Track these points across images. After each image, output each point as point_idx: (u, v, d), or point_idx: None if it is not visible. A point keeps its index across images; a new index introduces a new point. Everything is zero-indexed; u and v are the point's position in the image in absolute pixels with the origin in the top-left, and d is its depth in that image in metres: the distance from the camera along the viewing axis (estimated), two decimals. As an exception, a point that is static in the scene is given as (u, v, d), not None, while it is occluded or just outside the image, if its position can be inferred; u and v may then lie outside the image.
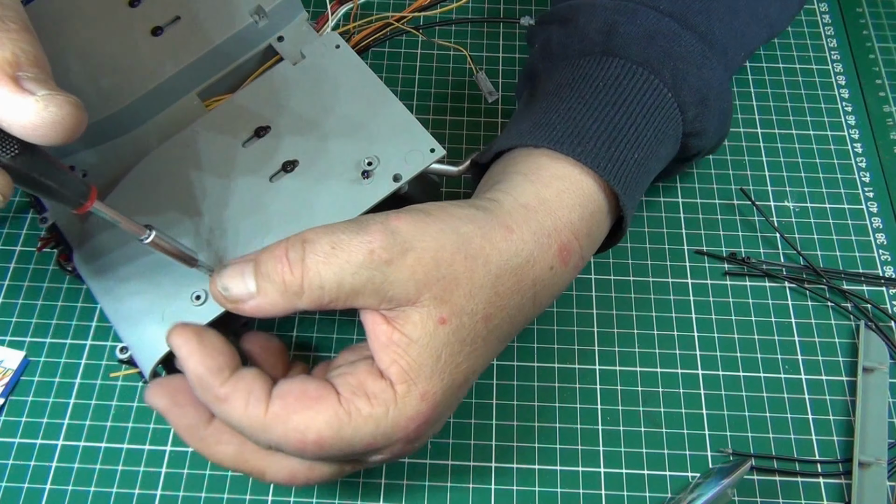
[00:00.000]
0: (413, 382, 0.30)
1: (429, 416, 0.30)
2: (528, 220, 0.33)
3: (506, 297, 0.32)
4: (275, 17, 0.40)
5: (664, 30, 0.37)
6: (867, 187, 0.47)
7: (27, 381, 0.40)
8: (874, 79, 0.51)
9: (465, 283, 0.30)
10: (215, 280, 0.30)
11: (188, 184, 0.36)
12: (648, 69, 0.36)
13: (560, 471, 0.38)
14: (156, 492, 0.38)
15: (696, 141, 0.39)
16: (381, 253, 0.29)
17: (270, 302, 0.30)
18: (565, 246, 0.33)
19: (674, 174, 0.43)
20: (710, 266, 0.44)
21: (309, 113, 0.37)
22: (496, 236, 0.31)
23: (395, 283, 0.29)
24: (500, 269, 0.31)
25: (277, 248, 0.30)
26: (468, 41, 0.52)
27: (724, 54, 0.39)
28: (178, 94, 0.39)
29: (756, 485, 0.38)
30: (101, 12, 0.39)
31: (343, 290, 0.29)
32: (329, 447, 0.29)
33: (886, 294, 0.44)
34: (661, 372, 0.41)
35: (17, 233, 0.44)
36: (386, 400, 0.29)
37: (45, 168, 0.26)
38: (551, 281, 0.33)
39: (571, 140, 0.34)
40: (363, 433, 0.29)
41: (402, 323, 0.30)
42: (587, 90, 0.36)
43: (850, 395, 0.41)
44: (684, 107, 0.37)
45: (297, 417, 0.29)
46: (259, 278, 0.30)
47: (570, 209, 0.34)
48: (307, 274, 0.29)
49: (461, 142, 0.48)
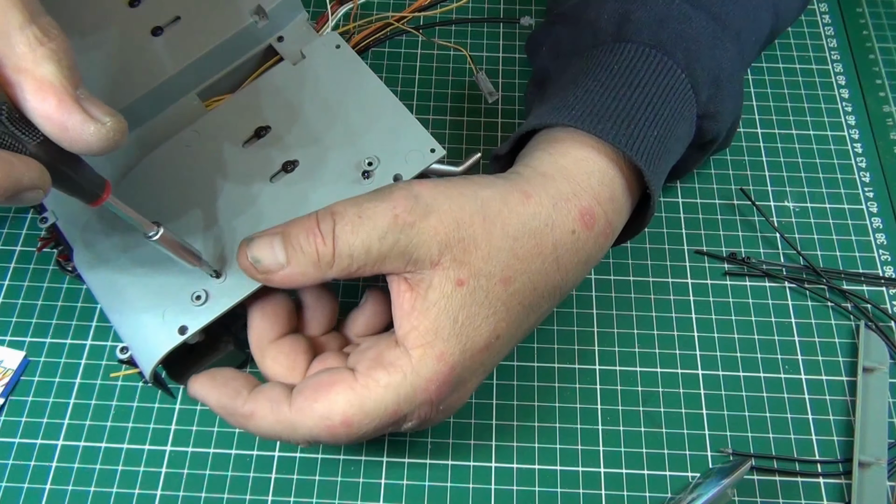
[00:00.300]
0: (430, 345, 0.30)
1: (448, 376, 0.31)
2: (545, 186, 0.33)
3: (525, 260, 0.32)
4: (275, 17, 0.40)
5: (675, 13, 0.37)
6: (867, 187, 0.47)
7: (27, 381, 0.40)
8: (874, 79, 0.51)
9: (484, 245, 0.31)
10: (244, 251, 0.31)
11: (188, 184, 0.36)
12: (661, 51, 0.36)
13: (560, 471, 0.38)
14: (156, 492, 0.38)
15: (712, 124, 0.39)
16: (405, 216, 0.30)
17: (301, 272, 0.31)
18: (587, 210, 0.33)
19: (692, 166, 0.43)
20: (710, 266, 0.44)
21: (309, 113, 0.37)
22: (514, 200, 0.32)
23: (419, 245, 0.30)
24: (518, 231, 0.32)
25: (308, 220, 0.31)
26: (468, 41, 0.52)
27: (737, 36, 0.39)
28: (178, 94, 0.39)
29: (756, 485, 0.38)
30: (101, 12, 0.39)
31: (371, 255, 0.30)
32: (357, 424, 0.30)
33: (886, 294, 0.44)
34: (661, 372, 0.41)
35: (17, 233, 0.44)
36: (402, 366, 0.30)
37: (68, 158, 0.26)
38: (574, 245, 0.33)
39: (591, 119, 0.34)
40: (386, 402, 0.30)
41: (425, 288, 0.31)
42: (603, 75, 0.36)
43: (850, 395, 0.41)
44: (698, 88, 0.37)
45: (318, 405, 0.30)
46: (289, 249, 0.30)
47: (588, 175, 0.34)
48: (338, 243, 0.30)
49: (461, 142, 0.48)
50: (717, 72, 0.37)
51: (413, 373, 0.30)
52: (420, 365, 0.30)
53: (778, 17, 0.43)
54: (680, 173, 0.44)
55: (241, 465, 0.38)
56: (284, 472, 0.38)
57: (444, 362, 0.31)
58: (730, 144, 0.45)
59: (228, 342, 0.37)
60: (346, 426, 0.30)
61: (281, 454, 0.39)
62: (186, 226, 0.35)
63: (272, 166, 0.36)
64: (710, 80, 0.37)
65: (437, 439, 0.39)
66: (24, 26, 0.24)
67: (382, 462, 0.39)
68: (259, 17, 0.39)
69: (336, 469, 0.38)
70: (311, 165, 0.36)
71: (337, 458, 0.39)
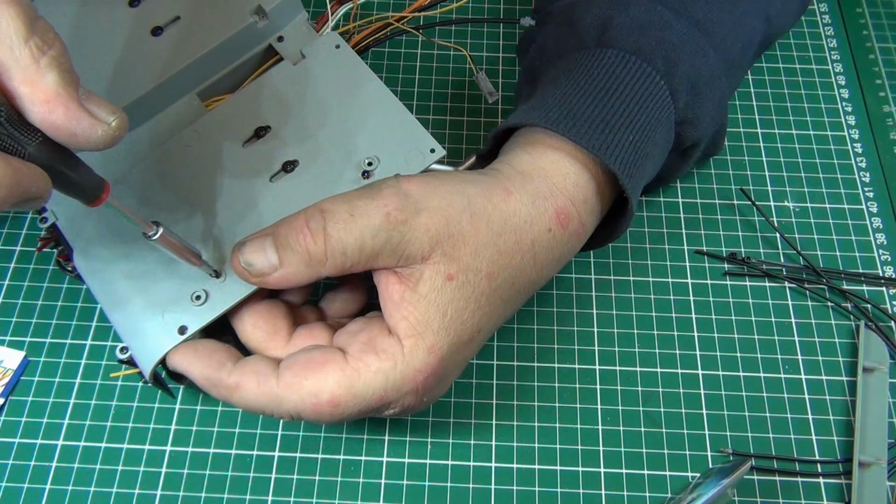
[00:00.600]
0: (421, 336, 0.31)
1: (436, 368, 0.32)
2: (524, 184, 0.34)
3: (507, 255, 0.33)
4: (274, 17, 0.40)
5: (657, 19, 0.38)
6: (867, 187, 0.47)
7: (27, 381, 0.40)
8: (874, 79, 0.51)
9: (471, 241, 0.32)
10: (237, 257, 0.32)
11: (188, 184, 0.36)
12: (641, 57, 0.37)
13: (560, 471, 0.38)
14: (156, 492, 0.38)
15: (690, 130, 0.39)
16: (396, 214, 0.31)
17: (294, 272, 0.31)
18: (562, 209, 0.34)
19: (676, 174, 0.43)
20: (710, 266, 0.44)
21: (309, 113, 0.37)
22: (497, 198, 0.33)
23: (411, 241, 0.31)
24: (501, 227, 0.33)
25: (296, 220, 0.31)
26: (468, 41, 0.52)
27: (721, 43, 0.39)
28: (177, 94, 0.39)
29: (756, 485, 0.38)
30: (101, 12, 0.39)
31: (364, 253, 0.31)
32: (344, 405, 0.31)
33: (886, 294, 0.44)
34: (661, 372, 0.41)
35: (17, 233, 0.44)
36: (394, 354, 0.31)
37: (67, 158, 0.26)
38: (550, 243, 0.34)
39: (567, 122, 0.35)
40: (374, 387, 0.31)
41: (415, 281, 0.31)
42: (582, 78, 0.37)
43: (850, 395, 0.41)
44: (676, 94, 0.37)
45: (308, 382, 0.31)
46: (280, 250, 0.31)
47: (564, 176, 0.35)
48: (329, 241, 0.30)
49: (461, 142, 0.48)
50: (696, 78, 0.38)
51: (404, 362, 0.31)
52: (411, 355, 0.31)
53: (770, 23, 0.43)
54: (666, 180, 0.44)
55: (241, 465, 0.38)
56: (284, 473, 0.38)
57: (433, 354, 0.31)
58: (720, 151, 0.45)
59: (228, 342, 0.37)
60: (332, 405, 0.31)
61: (281, 454, 0.39)
62: (186, 226, 0.35)
63: (272, 166, 0.36)
64: (689, 86, 0.38)
65: (437, 439, 0.39)
66: (28, 37, 0.24)
67: (382, 462, 0.39)
68: (259, 16, 0.39)
69: (336, 469, 0.38)
70: (311, 165, 0.36)
71: (337, 459, 0.39)
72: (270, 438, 0.39)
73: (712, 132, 0.41)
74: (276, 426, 0.39)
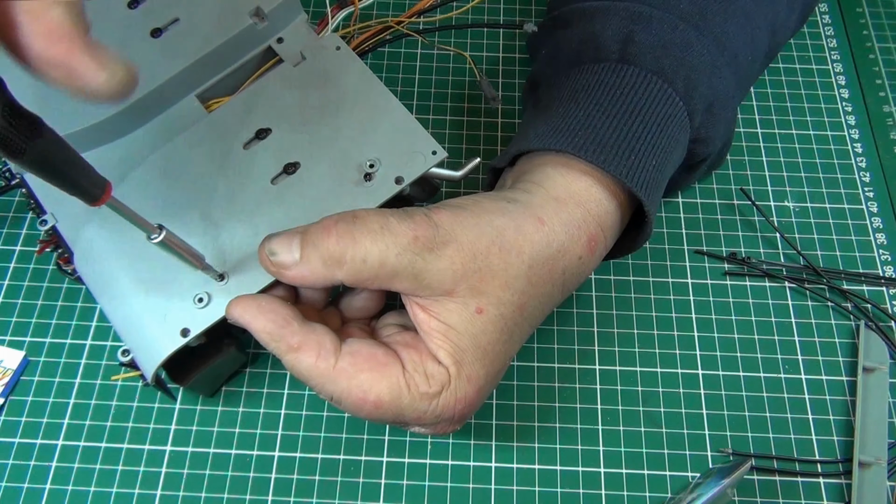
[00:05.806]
0: (461, 366, 0.31)
1: (473, 399, 0.32)
2: (558, 212, 0.34)
3: (538, 285, 0.33)
4: (274, 18, 0.40)
5: (678, 39, 0.37)
6: (867, 187, 0.47)
7: (27, 381, 0.40)
8: (874, 79, 0.51)
9: (501, 274, 0.32)
10: (264, 245, 0.32)
11: (189, 186, 0.36)
12: (663, 78, 0.37)
13: (560, 471, 0.38)
14: (156, 492, 0.38)
15: (702, 148, 0.39)
16: (424, 241, 0.31)
17: (311, 269, 0.31)
18: (593, 237, 0.35)
19: (680, 187, 0.44)
20: (710, 266, 0.44)
21: (310, 115, 0.37)
22: (529, 228, 0.33)
23: (433, 272, 0.31)
24: (532, 259, 0.33)
25: (328, 219, 0.31)
26: (468, 41, 0.52)
27: (734, 59, 0.40)
28: (177, 96, 0.39)
29: (756, 485, 0.38)
30: (101, 13, 0.39)
31: (385, 268, 0.30)
32: (385, 410, 0.31)
33: (886, 294, 0.44)
34: (661, 372, 0.41)
35: (17, 233, 0.44)
36: (442, 382, 0.31)
37: (69, 155, 0.26)
38: (578, 270, 0.35)
39: (594, 149, 0.35)
40: (417, 407, 0.31)
41: (438, 311, 0.31)
42: (604, 97, 0.36)
43: (850, 395, 0.41)
44: (692, 115, 0.38)
45: (364, 377, 0.31)
46: (304, 246, 0.31)
47: (597, 203, 0.35)
48: (353, 245, 0.30)
49: (461, 143, 0.48)
50: (713, 99, 0.38)
51: (449, 391, 0.31)
52: (455, 385, 0.31)
53: (775, 35, 0.43)
54: (668, 192, 0.44)
55: (241, 465, 0.38)
56: (284, 472, 0.38)
57: (472, 385, 0.32)
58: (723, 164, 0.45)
59: (230, 345, 0.37)
60: (375, 406, 0.31)
61: (281, 454, 0.39)
62: (188, 228, 0.35)
63: (273, 168, 0.36)
64: (705, 106, 0.38)
65: (437, 439, 0.39)
66: None
67: (382, 462, 0.39)
68: (258, 18, 0.39)
69: (336, 469, 0.38)
70: (312, 167, 0.36)
71: (337, 459, 0.39)
72: (270, 438, 0.39)
73: (720, 148, 0.41)
74: (276, 426, 0.39)
